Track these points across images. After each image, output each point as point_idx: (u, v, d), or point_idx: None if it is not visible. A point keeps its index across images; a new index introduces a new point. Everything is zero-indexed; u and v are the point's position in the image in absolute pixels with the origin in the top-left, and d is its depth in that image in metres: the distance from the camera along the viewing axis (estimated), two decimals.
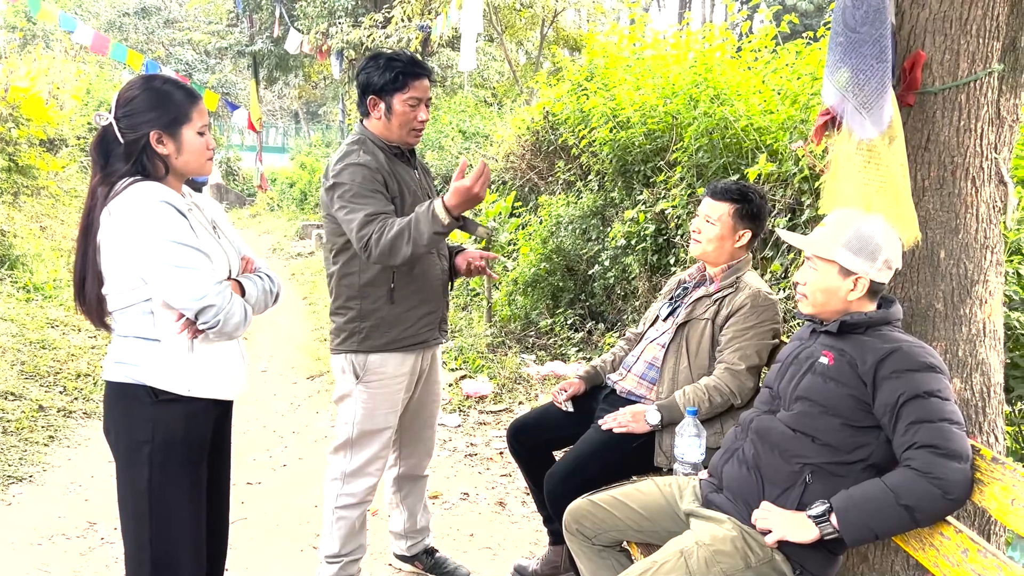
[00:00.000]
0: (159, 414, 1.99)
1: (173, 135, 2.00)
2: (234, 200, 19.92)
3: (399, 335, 2.68)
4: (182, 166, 2.04)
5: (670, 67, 5.91)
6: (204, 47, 24.14)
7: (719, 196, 2.72)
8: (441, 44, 16.09)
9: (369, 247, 2.44)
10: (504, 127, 9.09)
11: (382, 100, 2.58)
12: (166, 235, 1.90)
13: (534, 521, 3.64)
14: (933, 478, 1.79)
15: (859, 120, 2.15)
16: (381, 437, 2.76)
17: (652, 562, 2.02)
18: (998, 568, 1.67)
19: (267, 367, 6.24)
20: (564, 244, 6.33)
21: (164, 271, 1.90)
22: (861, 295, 2.05)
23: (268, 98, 32.84)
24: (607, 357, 3.08)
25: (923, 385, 1.87)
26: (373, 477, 2.79)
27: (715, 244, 2.72)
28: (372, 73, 2.57)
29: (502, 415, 5.06)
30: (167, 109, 1.99)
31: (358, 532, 2.84)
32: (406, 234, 2.40)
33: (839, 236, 2.06)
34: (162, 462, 2.00)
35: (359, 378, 2.69)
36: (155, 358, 1.98)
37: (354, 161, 2.54)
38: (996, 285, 2.33)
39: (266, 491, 3.96)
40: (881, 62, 2.12)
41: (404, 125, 2.60)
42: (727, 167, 4.87)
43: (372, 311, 2.64)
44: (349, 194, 2.50)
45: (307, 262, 11.51)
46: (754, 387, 2.62)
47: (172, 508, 2.03)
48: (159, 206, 1.91)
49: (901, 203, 2.15)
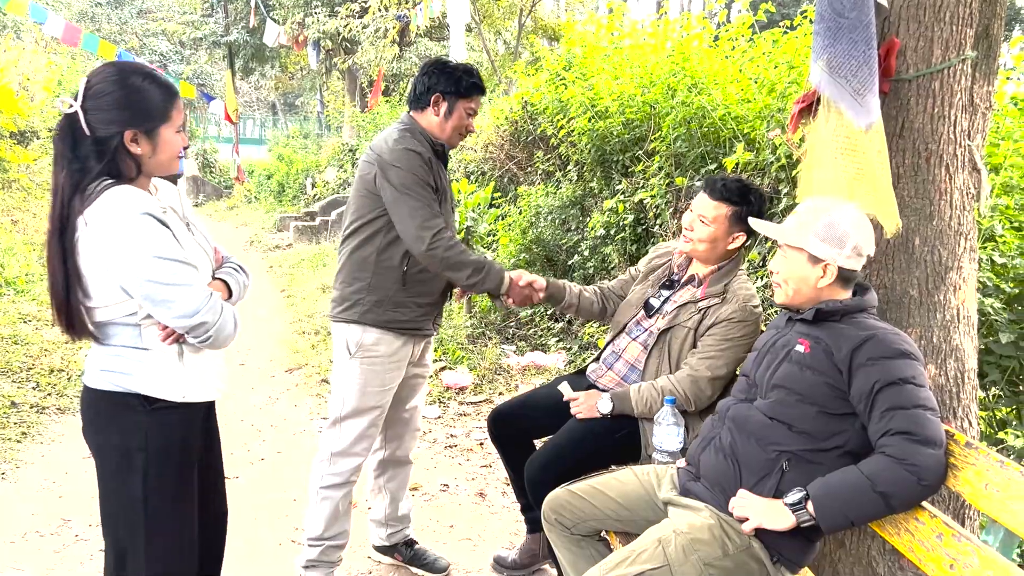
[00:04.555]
0: (153, 422, 1.92)
1: (150, 135, 1.86)
2: (211, 192, 19.72)
3: (398, 317, 2.74)
4: (154, 166, 1.91)
5: (648, 56, 5.91)
6: (179, 38, 23.84)
7: (717, 195, 2.60)
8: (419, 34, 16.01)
9: (436, 247, 2.60)
10: (483, 117, 9.05)
11: (446, 101, 2.73)
12: (151, 251, 1.78)
13: (514, 512, 3.64)
14: (908, 464, 1.80)
15: (855, 106, 2.14)
16: (370, 415, 2.79)
17: (630, 551, 2.02)
18: (972, 552, 1.68)
19: (245, 361, 6.18)
20: (544, 234, 6.32)
21: (152, 289, 1.80)
22: (831, 282, 2.05)
23: (244, 89, 32.51)
24: (575, 289, 2.97)
25: (898, 372, 1.88)
26: (359, 457, 2.82)
27: (707, 245, 2.63)
28: (444, 77, 2.73)
29: (482, 406, 5.05)
30: (146, 109, 1.85)
31: (342, 516, 2.85)
32: (474, 270, 2.68)
33: (808, 224, 2.06)
34: (158, 469, 1.93)
35: (352, 354, 2.75)
36: (146, 367, 1.90)
37: (411, 147, 2.66)
38: (970, 272, 2.35)
39: (244, 485, 3.93)
40: (870, 47, 2.11)
41: (456, 128, 2.78)
42: (705, 156, 4.88)
43: (381, 287, 2.71)
44: (409, 180, 2.62)
45: (285, 255, 11.41)
46: (712, 397, 2.58)
47: (167, 514, 1.98)
48: (140, 219, 1.78)
49: (880, 190, 2.15)
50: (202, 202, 18.74)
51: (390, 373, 2.80)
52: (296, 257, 10.91)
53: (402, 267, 2.71)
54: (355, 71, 19.12)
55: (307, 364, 5.99)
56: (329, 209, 12.97)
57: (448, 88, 2.72)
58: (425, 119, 2.76)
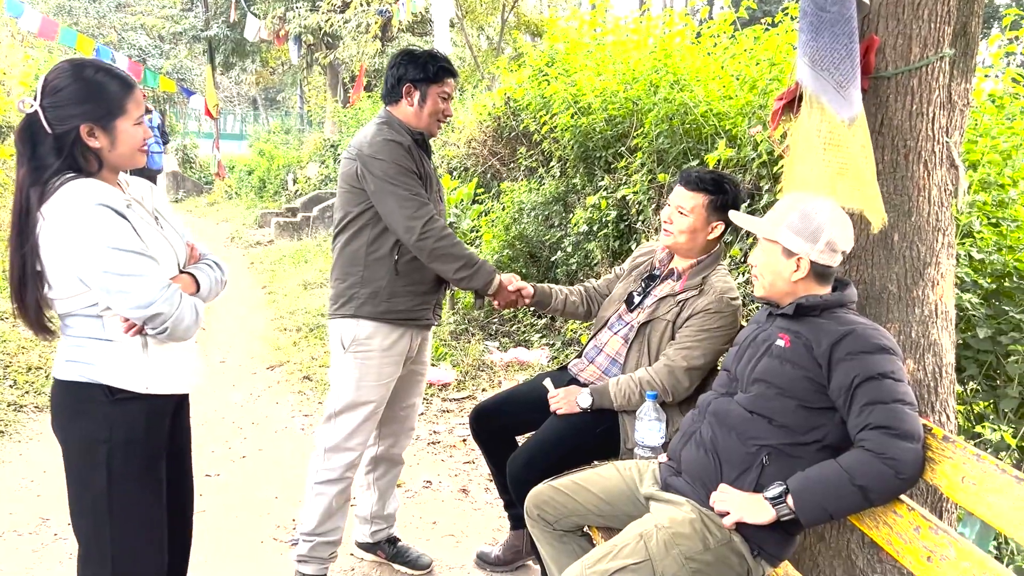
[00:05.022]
0: (116, 413, 1.93)
1: (106, 128, 1.87)
2: (191, 188, 19.53)
3: (395, 307, 2.74)
4: (116, 159, 1.91)
5: (630, 53, 5.92)
6: (158, 32, 23.60)
7: (692, 186, 2.64)
8: (401, 29, 15.94)
9: (427, 236, 2.62)
10: (465, 113, 9.03)
11: (417, 90, 2.73)
12: (105, 241, 1.79)
13: (497, 508, 3.64)
14: (886, 458, 1.82)
15: (838, 99, 2.15)
16: (364, 410, 2.78)
17: (612, 546, 2.02)
18: (949, 544, 1.70)
19: (226, 358, 6.14)
20: (527, 231, 6.32)
21: (106, 280, 1.81)
22: (804, 276, 2.07)
23: (225, 84, 32.25)
24: (561, 293, 3.01)
25: (877, 367, 1.90)
26: (353, 452, 2.81)
27: (687, 236, 2.65)
28: (411, 66, 2.73)
29: (465, 402, 5.05)
30: (100, 102, 1.85)
31: (336, 513, 2.84)
32: (464, 264, 2.70)
33: (784, 217, 2.09)
34: (122, 461, 1.93)
35: (346, 348, 2.75)
36: (110, 357, 1.91)
37: (390, 137, 2.68)
38: (948, 267, 2.37)
39: (225, 483, 3.90)
40: (852, 41, 2.13)
41: (433, 115, 2.77)
42: (687, 153, 4.90)
43: (374, 279, 2.72)
44: (392, 170, 2.63)
45: (266, 251, 11.34)
46: (689, 388, 2.59)
47: (132, 507, 1.97)
48: (95, 210, 1.80)
49: (865, 184, 2.17)
50: (182, 198, 18.55)
51: (386, 367, 2.78)
52: (278, 253, 10.84)
53: (392, 256, 2.71)
54: (337, 66, 19.01)
55: (289, 361, 5.95)
56: (311, 205, 12.88)
57: (416, 76, 2.72)
58: (401, 111, 2.77)
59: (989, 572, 1.60)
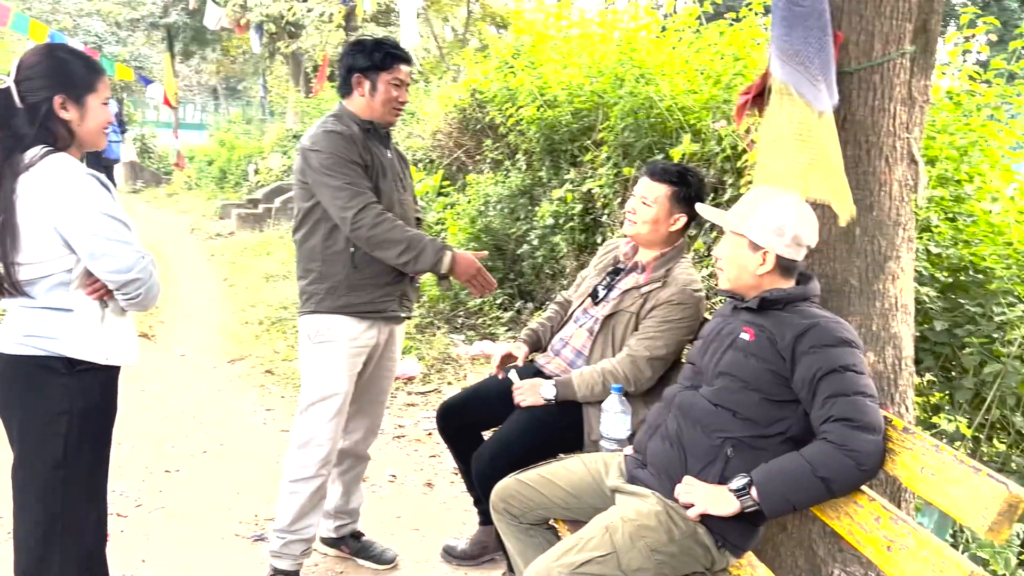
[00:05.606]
0: (76, 384, 2.00)
1: (78, 101, 1.99)
2: (149, 179, 19.14)
3: (355, 300, 2.70)
4: (84, 135, 2.03)
5: (596, 46, 5.92)
6: (114, 18, 23.04)
7: (657, 177, 2.68)
8: (365, 19, 15.78)
9: (359, 225, 2.55)
10: (431, 104, 8.97)
11: (367, 79, 2.68)
12: (97, 207, 1.93)
13: (463, 501, 3.63)
14: (848, 450, 1.85)
15: (814, 92, 2.17)
16: (331, 403, 2.74)
17: (578, 538, 2.03)
18: (908, 534, 1.73)
19: (186, 351, 6.04)
20: (492, 223, 6.31)
21: (94, 243, 1.92)
22: (770, 270, 2.08)
23: (184, 72, 31.60)
24: (543, 321, 3.05)
25: (839, 360, 1.92)
26: (324, 447, 2.77)
27: (650, 226, 2.68)
28: (359, 55, 2.68)
29: (431, 396, 5.03)
30: (72, 76, 1.99)
31: (309, 512, 2.80)
32: (406, 248, 2.59)
33: (751, 211, 2.10)
34: (79, 432, 2.02)
35: (311, 340, 2.74)
36: (71, 328, 1.98)
37: (331, 129, 2.64)
38: (908, 261, 2.41)
39: (185, 478, 3.84)
40: (826, 34, 2.15)
41: (386, 103, 2.71)
42: (652, 147, 4.92)
43: (332, 274, 2.68)
44: (329, 161, 2.58)
45: (227, 243, 11.16)
46: (652, 378, 2.61)
47: (84, 477, 2.06)
48: (87, 178, 1.93)
49: (834, 177, 2.19)
50: (140, 188, 18.18)
51: (352, 358, 2.75)
52: (239, 245, 10.68)
53: (348, 250, 2.66)
54: (299, 56, 18.76)
55: (251, 355, 5.88)
56: (273, 196, 12.69)
57: (364, 64, 2.68)
58: (354, 103, 2.73)
59: (946, 560, 1.63)
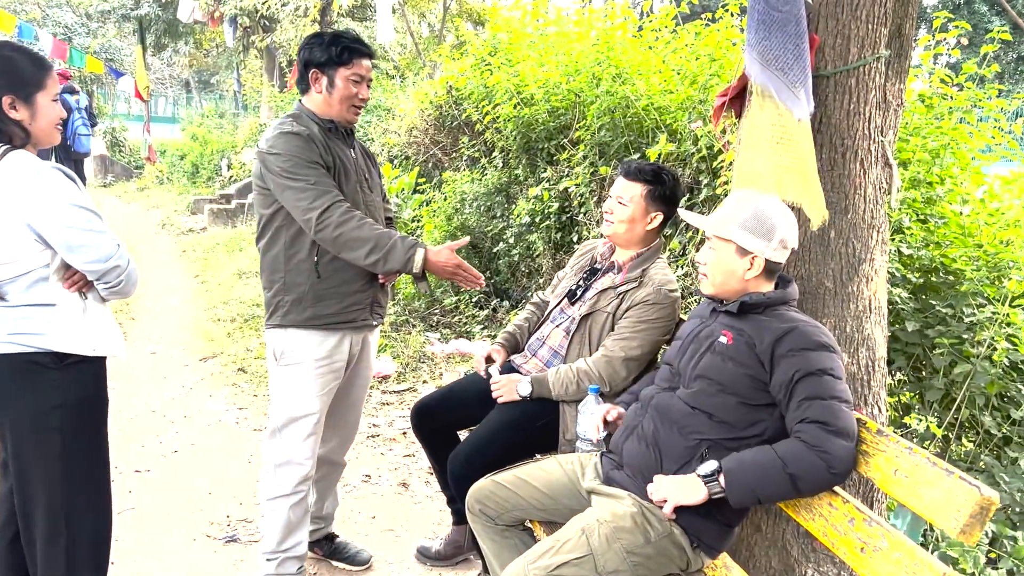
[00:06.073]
0: (67, 377, 2.02)
1: (27, 101, 1.99)
2: (120, 173, 18.82)
3: (322, 312, 2.58)
4: (37, 133, 2.03)
5: (573, 44, 5.92)
6: (84, 9, 22.63)
7: (633, 176, 2.69)
8: (341, 14, 15.66)
9: (324, 226, 2.43)
10: (407, 100, 8.92)
11: (325, 75, 2.56)
12: (67, 199, 1.94)
13: (437, 501, 3.62)
14: (820, 451, 1.86)
15: (792, 98, 2.17)
16: (305, 424, 2.63)
17: (555, 540, 2.02)
18: (882, 536, 1.75)
19: (157, 349, 5.95)
20: (469, 221, 6.28)
21: (69, 235, 1.93)
22: (758, 274, 2.09)
23: (156, 65, 31.19)
24: (520, 323, 3.05)
25: (817, 363, 1.93)
26: (302, 467, 2.66)
27: (626, 225, 2.69)
28: (316, 48, 2.55)
29: (405, 395, 5.00)
30: (19, 74, 1.98)
31: (296, 527, 2.70)
32: (374, 248, 2.45)
33: (737, 216, 2.09)
34: (73, 425, 2.04)
35: (277, 361, 2.61)
36: (56, 323, 2.00)
37: (288, 130, 2.51)
38: (881, 264, 2.43)
39: (156, 479, 3.78)
40: (803, 41, 2.15)
41: (345, 100, 2.59)
42: (628, 146, 4.93)
43: (296, 284, 2.56)
44: (288, 164, 2.46)
45: (199, 238, 11.01)
46: (627, 378, 2.61)
47: (84, 469, 2.08)
48: (52, 172, 1.94)
49: (808, 182, 2.20)
50: (111, 182, 17.88)
51: (324, 376, 2.63)
52: (211, 241, 10.54)
53: (312, 258, 2.54)
54: (274, 50, 18.56)
55: (222, 353, 5.80)
56: (246, 192, 12.54)
57: (321, 59, 2.54)
58: (311, 100, 2.61)
59: (919, 561, 1.64)
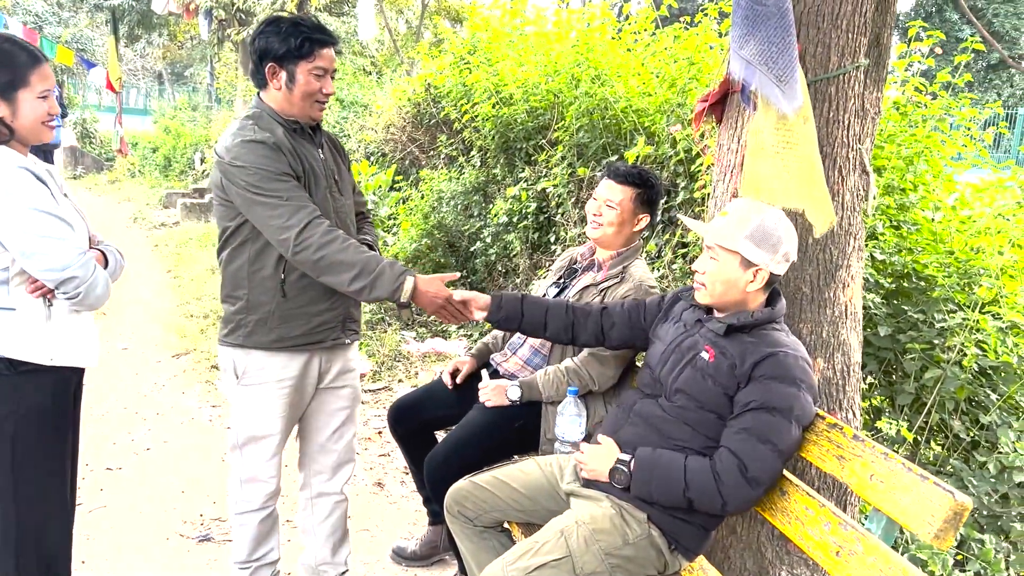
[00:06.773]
0: (20, 385, 1.95)
1: (7, 98, 1.93)
2: (91, 165, 18.54)
3: (288, 333, 2.36)
4: (21, 130, 1.96)
5: (552, 45, 5.93)
6: None
7: (620, 180, 2.68)
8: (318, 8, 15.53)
9: (303, 247, 2.20)
10: (384, 97, 8.87)
11: (284, 69, 2.28)
12: (28, 203, 1.86)
13: (413, 501, 3.61)
14: (724, 487, 1.93)
15: (776, 93, 2.18)
16: (267, 444, 2.46)
17: (533, 542, 2.03)
18: (857, 540, 1.77)
19: (129, 345, 5.87)
20: (446, 220, 6.27)
21: (26, 240, 1.86)
22: (759, 287, 2.07)
23: (129, 56, 30.73)
24: (497, 333, 3.04)
25: (778, 399, 1.93)
26: (268, 484, 2.50)
27: (615, 228, 2.69)
28: (272, 39, 2.27)
29: (381, 394, 4.98)
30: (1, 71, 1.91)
31: (266, 536, 2.57)
32: (359, 273, 2.23)
33: (743, 227, 2.04)
34: (27, 434, 1.96)
35: (239, 379, 2.42)
36: (11, 328, 1.92)
37: (250, 137, 2.24)
38: (857, 269, 2.47)
39: (128, 477, 3.73)
40: (789, 35, 2.16)
41: (308, 97, 2.32)
42: (606, 148, 4.95)
43: (260, 304, 2.34)
44: (255, 177, 2.20)
45: (171, 233, 10.88)
46: (615, 376, 2.63)
47: (38, 482, 2.00)
48: (18, 172, 1.87)
49: (816, 186, 2.21)
50: (81, 175, 17.60)
51: (287, 398, 2.43)
52: (184, 235, 10.42)
53: (279, 275, 2.31)
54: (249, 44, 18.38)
55: (195, 349, 5.74)
56: None
57: (279, 52, 2.26)
58: (270, 96, 2.34)
59: (893, 565, 1.67)
